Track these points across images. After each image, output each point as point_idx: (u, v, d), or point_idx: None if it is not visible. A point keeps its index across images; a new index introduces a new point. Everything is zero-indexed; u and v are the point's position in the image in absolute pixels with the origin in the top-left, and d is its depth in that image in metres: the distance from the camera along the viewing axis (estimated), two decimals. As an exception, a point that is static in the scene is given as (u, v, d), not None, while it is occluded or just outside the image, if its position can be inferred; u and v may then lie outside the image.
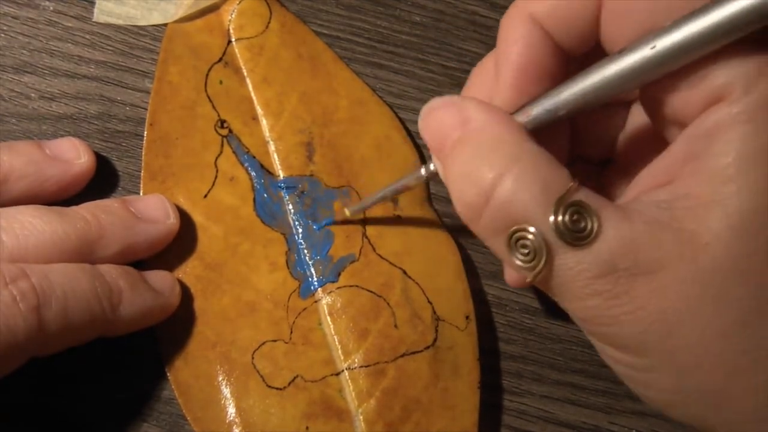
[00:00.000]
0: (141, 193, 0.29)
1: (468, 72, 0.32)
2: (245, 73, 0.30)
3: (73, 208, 0.26)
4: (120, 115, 0.30)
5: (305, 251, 0.29)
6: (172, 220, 0.27)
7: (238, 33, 0.31)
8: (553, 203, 0.19)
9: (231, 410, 0.27)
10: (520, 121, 0.22)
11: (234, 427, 0.27)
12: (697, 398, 0.20)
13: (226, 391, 0.27)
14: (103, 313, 0.24)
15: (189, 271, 0.28)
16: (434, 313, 0.28)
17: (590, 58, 0.22)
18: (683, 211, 0.19)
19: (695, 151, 0.20)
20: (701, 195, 0.19)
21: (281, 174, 0.30)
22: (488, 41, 0.33)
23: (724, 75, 0.19)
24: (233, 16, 0.31)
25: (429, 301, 0.28)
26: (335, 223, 0.29)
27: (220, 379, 0.27)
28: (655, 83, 0.21)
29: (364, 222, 0.29)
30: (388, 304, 0.28)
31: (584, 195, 0.20)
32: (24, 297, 0.22)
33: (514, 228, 0.20)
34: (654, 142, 0.23)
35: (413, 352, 0.28)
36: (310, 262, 0.29)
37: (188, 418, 0.27)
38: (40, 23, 0.31)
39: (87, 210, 0.26)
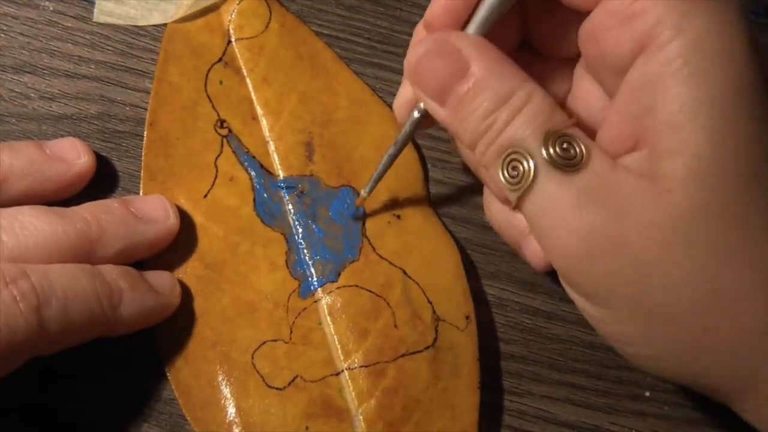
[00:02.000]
0: (141, 194, 0.29)
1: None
2: (245, 73, 0.30)
3: (73, 208, 0.26)
4: (120, 115, 0.30)
5: (305, 251, 0.29)
6: (173, 220, 0.27)
7: (238, 33, 0.31)
8: (548, 131, 0.21)
9: (231, 410, 0.27)
10: (477, 28, 0.23)
11: (234, 427, 0.27)
12: (671, 348, 0.21)
13: (226, 391, 0.27)
14: (103, 312, 0.24)
15: (189, 271, 0.28)
16: (434, 313, 0.28)
17: None
18: (647, 165, 0.20)
19: (643, 105, 0.20)
20: (658, 147, 0.20)
21: (281, 174, 0.30)
22: (488, 41, 0.33)
23: (653, 13, 0.20)
24: (233, 16, 0.31)
25: (429, 301, 0.28)
26: (366, 215, 0.29)
27: (220, 379, 0.27)
28: (589, 23, 0.22)
29: (364, 221, 0.29)
30: (388, 304, 0.28)
31: (578, 132, 0.21)
32: (24, 297, 0.22)
33: (509, 151, 0.21)
34: (598, 100, 0.24)
35: (413, 352, 0.28)
36: (309, 262, 0.29)
37: (188, 418, 0.27)
38: (40, 23, 0.31)
39: (87, 210, 0.26)
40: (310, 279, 0.28)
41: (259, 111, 0.30)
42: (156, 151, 0.29)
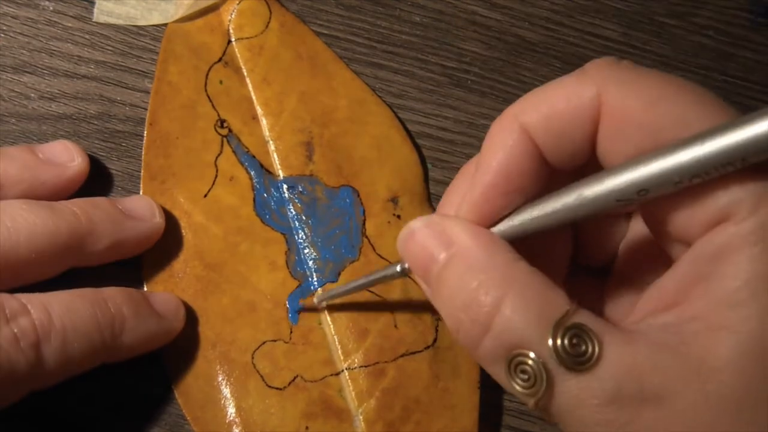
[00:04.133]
0: (141, 193, 0.29)
1: (468, 72, 0.32)
2: (245, 73, 0.30)
3: (63, 202, 0.26)
4: (120, 115, 0.30)
5: (305, 251, 0.29)
6: (158, 219, 0.27)
7: (238, 33, 0.31)
8: (551, 327, 0.19)
9: (231, 410, 0.27)
10: (503, 230, 0.21)
11: (234, 427, 0.27)
12: None
13: (226, 390, 0.27)
14: (104, 342, 0.24)
15: (189, 271, 0.28)
16: (434, 313, 0.28)
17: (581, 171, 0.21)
18: (691, 336, 0.19)
19: (703, 273, 0.19)
20: (710, 319, 0.19)
21: (281, 174, 0.30)
22: (488, 41, 0.33)
23: (731, 194, 0.19)
24: (233, 16, 0.31)
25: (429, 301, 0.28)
26: (304, 309, 0.28)
27: (220, 379, 0.27)
28: (656, 201, 0.20)
29: (364, 222, 0.29)
30: (388, 303, 0.28)
31: (584, 317, 0.19)
32: (24, 335, 0.22)
33: (513, 353, 0.19)
34: (656, 254, 0.23)
35: (413, 352, 0.28)
36: (309, 262, 0.29)
37: (188, 418, 0.27)
38: (40, 23, 0.31)
39: (76, 205, 0.26)
40: (310, 279, 0.28)
41: (259, 111, 0.30)
42: (156, 151, 0.29)
